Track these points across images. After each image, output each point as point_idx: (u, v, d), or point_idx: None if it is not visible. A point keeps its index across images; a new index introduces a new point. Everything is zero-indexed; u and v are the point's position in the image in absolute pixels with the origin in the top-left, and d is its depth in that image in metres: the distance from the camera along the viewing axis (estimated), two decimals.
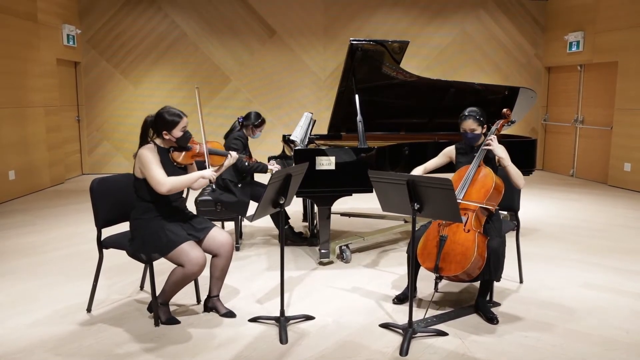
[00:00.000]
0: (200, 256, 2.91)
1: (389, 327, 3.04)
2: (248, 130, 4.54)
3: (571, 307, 3.39)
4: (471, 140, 3.35)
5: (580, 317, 3.23)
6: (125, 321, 3.14)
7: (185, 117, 3.03)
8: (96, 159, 9.10)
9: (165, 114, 2.97)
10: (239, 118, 4.54)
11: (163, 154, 3.01)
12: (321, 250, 4.18)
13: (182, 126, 2.99)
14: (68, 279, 3.89)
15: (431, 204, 2.72)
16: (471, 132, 3.31)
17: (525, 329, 3.05)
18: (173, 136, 2.98)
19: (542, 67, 9.59)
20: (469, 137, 3.34)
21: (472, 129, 3.31)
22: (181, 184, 2.94)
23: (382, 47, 4.35)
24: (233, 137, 4.43)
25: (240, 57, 9.09)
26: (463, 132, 3.35)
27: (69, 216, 5.92)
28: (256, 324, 3.10)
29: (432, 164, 3.56)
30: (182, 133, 2.99)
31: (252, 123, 4.52)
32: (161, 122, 2.97)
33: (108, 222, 3.20)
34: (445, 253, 3.03)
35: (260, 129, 4.56)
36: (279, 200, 2.92)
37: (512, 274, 3.86)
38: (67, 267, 4.17)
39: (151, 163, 2.90)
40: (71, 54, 8.46)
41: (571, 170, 8.98)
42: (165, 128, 2.97)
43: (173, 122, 2.96)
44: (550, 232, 5.24)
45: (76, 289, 3.66)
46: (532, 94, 5.26)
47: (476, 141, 3.36)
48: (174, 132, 2.97)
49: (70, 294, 3.58)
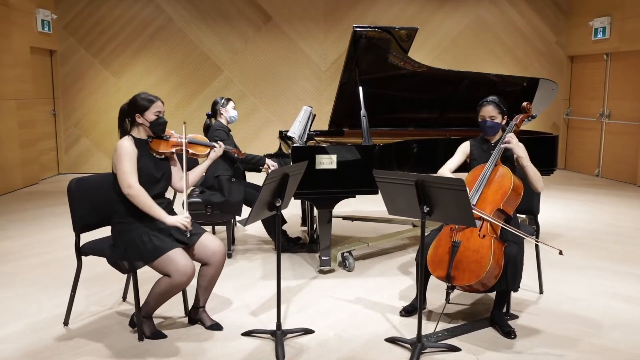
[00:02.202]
0: (189, 265, 2.92)
1: (396, 341, 3.04)
2: (221, 117, 4.57)
3: (596, 320, 3.39)
4: (489, 130, 3.35)
5: (607, 332, 3.23)
6: (106, 335, 3.14)
7: (161, 102, 3.08)
8: (74, 157, 9.11)
9: (138, 97, 3.04)
10: (207, 114, 4.65)
11: (142, 146, 3.03)
12: (321, 257, 4.18)
13: (156, 110, 3.03)
14: (43, 289, 3.89)
15: (442, 206, 2.73)
16: (491, 120, 3.32)
17: (545, 344, 3.05)
18: (146, 119, 3.02)
19: (565, 56, 9.60)
20: (487, 125, 3.34)
21: (492, 117, 3.31)
22: (144, 204, 2.91)
23: (388, 34, 4.36)
24: (213, 129, 4.47)
25: (232, 46, 9.10)
26: (481, 120, 3.36)
27: (44, 220, 5.92)
28: (250, 338, 3.10)
29: (455, 163, 3.52)
30: (155, 117, 3.02)
31: (219, 105, 4.59)
32: (134, 105, 3.03)
33: (87, 227, 3.20)
34: (458, 261, 3.04)
35: (230, 105, 4.60)
36: (275, 203, 2.92)
37: (531, 284, 3.87)
38: (41, 276, 4.17)
39: (125, 156, 2.93)
40: (46, 41, 8.47)
41: (596, 169, 9.00)
42: (137, 110, 3.02)
43: (146, 102, 3.02)
44: (573, 238, 5.25)
45: (52, 300, 3.66)
46: (553, 86, 5.26)
47: (494, 132, 3.37)
48: (146, 114, 3.01)
49: (46, 306, 3.58)
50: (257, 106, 9.27)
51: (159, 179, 3.08)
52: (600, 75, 8.93)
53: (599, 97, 8.94)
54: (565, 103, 9.68)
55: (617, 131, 8.62)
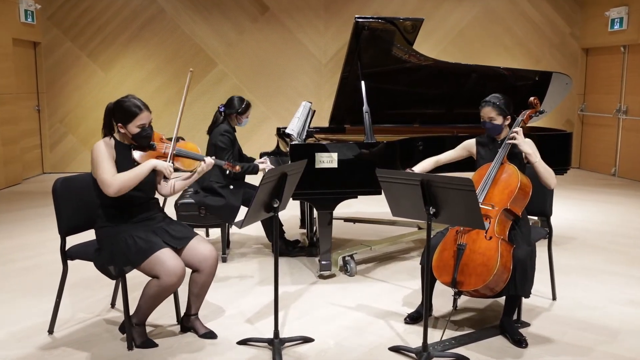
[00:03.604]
0: (178, 266, 2.92)
1: (400, 350, 3.05)
2: (233, 120, 4.55)
3: (613, 328, 3.39)
4: (490, 131, 3.41)
5: (623, 340, 3.23)
6: (93, 344, 3.14)
7: (148, 111, 3.01)
8: (59, 155, 9.11)
9: (123, 103, 2.97)
10: (220, 107, 4.55)
11: (123, 150, 3.01)
12: (321, 261, 4.19)
13: (140, 122, 2.96)
14: (26, 295, 3.90)
15: (449, 207, 2.73)
16: (489, 121, 3.36)
17: (558, 354, 3.06)
18: (128, 132, 2.97)
19: (579, 48, 9.60)
20: (486, 127, 3.40)
21: (490, 117, 3.36)
22: (131, 179, 2.88)
23: (392, 25, 4.36)
24: (219, 132, 4.43)
25: (227, 38, 9.11)
26: (482, 120, 3.42)
27: (27, 222, 5.92)
28: (246, 347, 3.11)
29: (447, 156, 3.65)
30: (138, 130, 2.96)
31: (236, 110, 4.52)
32: (117, 112, 2.97)
33: (73, 229, 3.21)
34: (464, 264, 3.04)
35: (246, 114, 4.57)
36: (273, 204, 2.93)
37: (544, 290, 3.87)
38: (24, 282, 4.17)
39: (101, 160, 2.90)
40: (29, 32, 8.48)
41: (613, 168, 9.00)
42: (120, 120, 2.96)
43: (129, 115, 2.94)
44: (588, 241, 5.26)
45: (36, 307, 3.67)
46: (567, 80, 5.27)
47: (496, 133, 3.40)
48: (129, 127, 2.96)
49: (29, 313, 3.58)
50: (253, 102, 9.09)
51: (141, 186, 2.98)
52: (617, 68, 8.93)
53: (616, 91, 8.95)
54: (580, 98, 9.68)
55: (634, 128, 8.61)
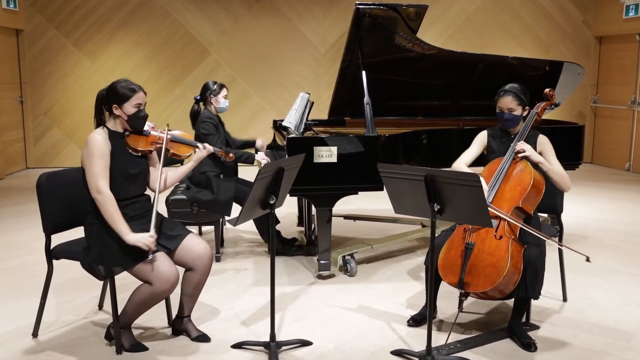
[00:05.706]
0: (172, 272, 2.92)
1: (403, 354, 3.06)
2: (211, 105, 4.55)
3: (627, 331, 3.40)
4: (507, 124, 3.39)
5: (638, 344, 3.24)
6: (80, 348, 3.14)
7: (144, 93, 3.05)
8: (44, 149, 9.10)
9: (118, 84, 3.01)
10: (195, 98, 4.59)
11: (117, 139, 3.02)
12: (320, 260, 4.19)
13: (137, 102, 3.00)
14: (9, 297, 3.90)
15: (455, 204, 2.73)
16: (509, 112, 3.35)
17: (569, 358, 3.06)
18: (124, 112, 3.00)
19: (592, 36, 9.60)
20: (505, 118, 3.37)
21: (510, 109, 3.34)
22: (109, 214, 2.88)
23: (394, 12, 4.35)
24: (200, 120, 4.45)
25: (221, 25, 9.09)
26: (499, 111, 3.39)
27: (10, 220, 5.92)
28: (241, 350, 3.11)
29: (470, 156, 3.55)
30: (135, 110, 3.00)
31: (210, 91, 4.53)
32: (112, 94, 3.00)
33: (59, 227, 3.21)
34: (472, 265, 3.05)
35: (222, 94, 4.55)
36: (269, 200, 2.93)
37: (554, 291, 3.88)
38: (7, 282, 4.17)
39: (96, 155, 2.92)
40: (12, 19, 8.46)
41: (627, 163, 9.01)
42: (115, 101, 2.99)
43: (125, 94, 2.98)
44: (600, 240, 5.26)
45: (20, 309, 3.67)
46: (579, 70, 5.27)
47: (513, 125, 3.39)
48: (125, 106, 2.99)
49: (12, 315, 3.58)
50: (248, 92, 9.26)
51: (135, 177, 3.05)
52: (632, 58, 8.93)
53: (631, 82, 8.94)
54: (593, 89, 9.68)
55: None
